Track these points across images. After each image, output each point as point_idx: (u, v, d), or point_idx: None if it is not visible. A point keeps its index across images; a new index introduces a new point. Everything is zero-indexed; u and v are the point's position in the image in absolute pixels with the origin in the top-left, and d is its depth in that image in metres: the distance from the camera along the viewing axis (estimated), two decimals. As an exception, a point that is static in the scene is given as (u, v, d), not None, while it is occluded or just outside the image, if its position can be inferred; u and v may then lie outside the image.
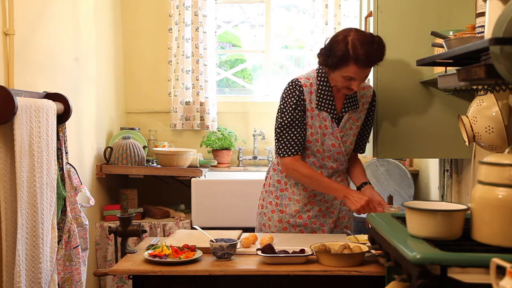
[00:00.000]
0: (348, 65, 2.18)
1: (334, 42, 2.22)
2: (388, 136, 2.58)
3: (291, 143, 2.33)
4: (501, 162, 1.35)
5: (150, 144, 4.11)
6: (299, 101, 2.32)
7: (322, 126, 2.35)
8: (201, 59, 4.15)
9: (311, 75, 2.37)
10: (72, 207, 2.69)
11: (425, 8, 2.53)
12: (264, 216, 2.50)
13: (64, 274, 2.63)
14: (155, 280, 1.94)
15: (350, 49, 2.15)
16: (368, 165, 3.83)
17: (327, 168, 2.41)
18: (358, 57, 2.15)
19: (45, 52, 2.86)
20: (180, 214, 3.80)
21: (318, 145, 2.36)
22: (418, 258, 1.26)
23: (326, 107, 2.34)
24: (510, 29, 1.24)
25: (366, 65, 2.18)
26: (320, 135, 2.35)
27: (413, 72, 2.52)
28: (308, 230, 2.43)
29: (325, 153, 2.38)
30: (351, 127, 2.40)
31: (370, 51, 2.16)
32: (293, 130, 2.33)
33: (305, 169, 2.34)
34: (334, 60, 2.20)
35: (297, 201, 2.42)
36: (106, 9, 3.91)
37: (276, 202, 2.47)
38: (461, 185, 2.76)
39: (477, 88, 1.75)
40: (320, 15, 4.09)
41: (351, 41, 2.16)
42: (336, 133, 2.36)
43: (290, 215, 2.43)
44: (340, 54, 2.17)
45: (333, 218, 2.46)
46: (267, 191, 2.52)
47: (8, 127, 2.25)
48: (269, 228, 2.47)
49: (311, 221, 2.43)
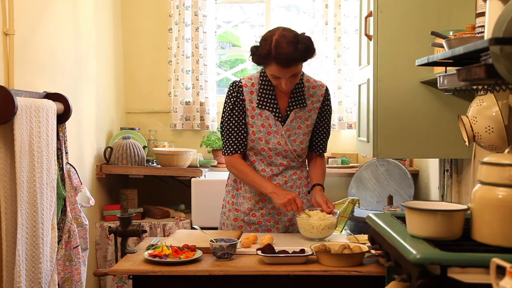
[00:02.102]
0: (271, 64, 2.21)
1: (261, 40, 2.26)
2: (388, 136, 2.58)
3: (230, 143, 2.40)
4: (501, 162, 1.35)
5: (150, 144, 4.11)
6: (237, 101, 2.37)
7: (266, 124, 2.37)
8: (201, 59, 4.15)
9: (254, 75, 2.42)
10: (72, 207, 2.69)
11: (425, 8, 2.54)
12: (223, 215, 2.53)
13: (64, 274, 2.63)
14: (155, 280, 1.94)
15: (272, 48, 2.18)
16: (368, 165, 3.83)
17: (277, 165, 2.42)
18: (278, 57, 2.17)
19: (45, 52, 2.86)
20: (180, 214, 3.80)
21: (262, 143, 2.38)
22: (418, 258, 1.26)
23: (268, 106, 2.37)
24: (510, 29, 1.24)
25: (286, 65, 2.19)
26: (264, 133, 2.37)
27: (413, 72, 2.52)
28: (262, 228, 2.43)
29: (271, 151, 2.39)
30: (299, 125, 2.40)
31: (290, 51, 2.16)
32: (231, 130, 2.39)
33: (240, 166, 2.39)
34: (259, 59, 2.25)
35: (249, 199, 2.44)
36: (106, 9, 3.91)
37: (232, 201, 2.49)
38: (461, 185, 2.76)
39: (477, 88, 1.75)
40: (320, 15, 4.09)
41: (274, 40, 2.20)
42: (280, 131, 2.37)
43: (244, 213, 2.45)
44: (263, 53, 2.21)
45: (288, 216, 2.44)
46: (226, 191, 2.55)
47: (8, 127, 2.25)
48: (226, 226, 2.50)
49: (264, 218, 2.44)
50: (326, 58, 4.10)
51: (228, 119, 2.39)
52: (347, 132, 4.23)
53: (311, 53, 2.23)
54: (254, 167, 2.42)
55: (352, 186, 3.87)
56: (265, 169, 2.41)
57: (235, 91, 2.38)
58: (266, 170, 2.41)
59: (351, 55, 4.08)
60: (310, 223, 2.24)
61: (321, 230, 2.23)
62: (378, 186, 3.75)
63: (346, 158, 4.10)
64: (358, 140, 3.06)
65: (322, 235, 2.25)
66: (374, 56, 2.58)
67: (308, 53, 2.22)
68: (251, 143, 2.40)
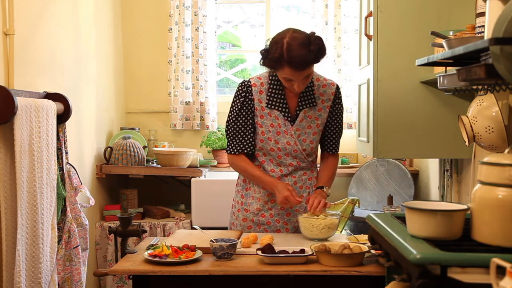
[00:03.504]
0: (284, 67, 2.18)
1: (271, 44, 2.22)
2: (388, 136, 2.58)
3: (236, 142, 2.39)
4: (501, 162, 1.35)
5: (150, 144, 4.11)
6: (246, 101, 2.36)
7: (275, 124, 2.36)
8: (201, 59, 4.15)
9: (263, 75, 2.39)
10: (72, 207, 2.69)
11: (425, 8, 2.54)
12: (233, 215, 2.53)
13: (64, 274, 2.63)
14: (155, 280, 1.94)
15: (285, 52, 2.14)
16: (368, 165, 3.83)
17: (286, 165, 2.41)
18: (292, 60, 2.14)
19: (45, 52, 2.86)
20: (180, 214, 3.80)
21: (272, 143, 2.37)
22: (418, 258, 1.26)
23: (278, 106, 2.35)
24: (510, 29, 1.24)
25: (300, 67, 2.16)
26: (273, 133, 2.36)
27: (413, 72, 2.52)
28: (271, 229, 2.43)
29: (281, 151, 2.38)
30: (309, 125, 2.38)
31: (304, 54, 2.14)
32: (237, 129, 2.37)
33: (241, 163, 2.39)
34: (270, 62, 2.21)
35: (258, 199, 2.44)
36: (106, 9, 3.91)
37: (242, 201, 2.49)
38: (461, 185, 2.76)
39: (477, 88, 1.75)
40: (320, 15, 4.09)
41: (286, 43, 2.15)
42: (290, 131, 2.36)
43: (253, 213, 2.44)
44: (275, 56, 2.17)
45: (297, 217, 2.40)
46: (236, 191, 2.55)
47: (8, 127, 2.25)
48: (236, 226, 2.50)
49: (273, 219, 2.43)
50: (326, 58, 4.06)
51: (236, 118, 2.37)
52: (347, 132, 4.22)
53: (323, 53, 2.21)
54: (263, 168, 2.41)
55: (352, 186, 3.87)
56: (275, 170, 2.40)
57: (244, 91, 2.36)
58: (275, 171, 2.40)
59: (351, 55, 4.08)
60: (310, 222, 2.24)
61: (321, 230, 2.23)
62: (378, 186, 3.75)
63: (346, 158, 4.10)
64: (358, 140, 3.06)
65: (322, 235, 2.24)
66: (374, 56, 2.58)
67: (321, 53, 2.20)
68: (260, 143, 2.38)
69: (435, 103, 2.55)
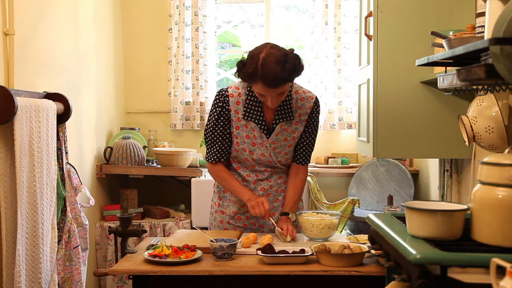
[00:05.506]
0: (257, 82, 2.15)
1: (248, 57, 2.18)
2: (388, 136, 2.57)
3: (214, 151, 2.39)
4: (501, 162, 1.35)
5: (150, 144, 4.10)
6: (223, 111, 2.33)
7: (251, 136, 2.34)
8: (201, 59, 4.15)
9: (241, 85, 2.35)
10: (72, 207, 2.69)
11: (425, 8, 2.54)
12: (211, 216, 2.55)
13: (64, 274, 2.63)
14: (155, 280, 1.94)
15: (259, 67, 2.10)
16: (368, 165, 3.83)
17: (261, 172, 2.41)
18: (265, 76, 2.10)
19: (45, 52, 2.86)
20: (180, 214, 3.80)
21: (246, 154, 2.36)
22: (418, 258, 1.26)
23: (254, 118, 2.32)
24: (510, 29, 1.24)
25: (272, 85, 2.12)
26: (248, 144, 2.35)
27: (413, 72, 2.52)
28: (248, 232, 2.41)
29: (255, 161, 2.38)
30: (285, 138, 2.36)
31: (278, 71, 2.09)
32: (215, 139, 2.37)
33: (221, 173, 2.40)
34: (244, 76, 2.18)
35: (234, 203, 2.44)
36: (106, 9, 3.91)
37: (219, 203, 2.50)
38: (461, 185, 2.76)
39: (477, 88, 1.75)
40: (320, 15, 4.09)
41: (261, 59, 2.11)
42: (265, 143, 2.34)
43: (230, 216, 2.45)
44: (249, 71, 2.13)
45: (273, 219, 2.38)
46: (214, 192, 2.56)
47: (8, 127, 2.25)
48: (214, 227, 2.50)
49: (250, 222, 2.44)
50: (326, 58, 4.10)
51: (213, 127, 2.36)
52: (347, 132, 4.23)
53: (299, 72, 2.17)
54: (238, 173, 2.42)
55: (352, 186, 3.87)
56: (250, 175, 2.41)
57: (221, 101, 2.34)
58: (251, 176, 2.41)
59: (351, 55, 4.08)
60: (310, 222, 2.24)
61: (321, 229, 2.23)
62: (378, 186, 3.76)
63: (346, 158, 4.10)
64: (358, 140, 3.06)
65: (322, 235, 2.25)
66: (374, 56, 2.58)
67: (296, 72, 2.15)
68: (235, 153, 2.38)
69: (435, 103, 2.55)
